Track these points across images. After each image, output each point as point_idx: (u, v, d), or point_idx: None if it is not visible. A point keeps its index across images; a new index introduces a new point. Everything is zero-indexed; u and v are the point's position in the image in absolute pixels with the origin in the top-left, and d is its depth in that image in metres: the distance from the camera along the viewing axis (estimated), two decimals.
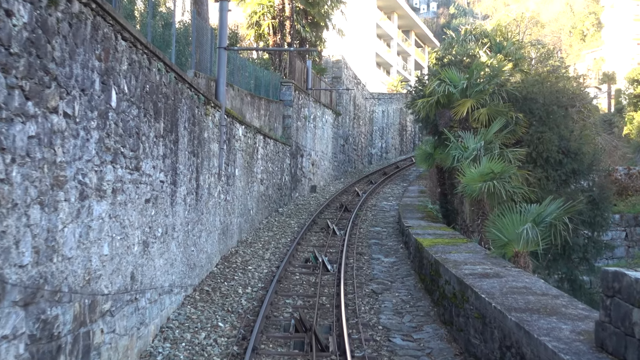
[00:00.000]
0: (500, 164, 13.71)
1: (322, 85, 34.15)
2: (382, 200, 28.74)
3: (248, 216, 18.87)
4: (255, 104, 21.60)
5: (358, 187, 32.83)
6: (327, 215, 23.83)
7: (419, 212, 21.92)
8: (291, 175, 26.66)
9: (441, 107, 17.73)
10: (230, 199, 16.18)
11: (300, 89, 28.19)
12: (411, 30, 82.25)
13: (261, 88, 23.56)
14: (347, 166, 40.33)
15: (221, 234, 15.13)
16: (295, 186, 27.54)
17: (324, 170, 33.93)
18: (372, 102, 48.08)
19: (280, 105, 26.02)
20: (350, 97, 40.72)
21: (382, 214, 24.48)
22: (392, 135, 52.95)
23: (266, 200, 21.95)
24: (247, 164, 18.63)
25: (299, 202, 27.05)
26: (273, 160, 23.02)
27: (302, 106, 28.81)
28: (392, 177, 38.42)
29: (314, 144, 31.54)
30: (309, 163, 30.36)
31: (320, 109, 32.94)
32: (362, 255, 16.55)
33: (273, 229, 20.21)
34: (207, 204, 13.39)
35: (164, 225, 9.85)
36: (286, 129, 26.47)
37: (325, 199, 28.35)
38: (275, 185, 23.61)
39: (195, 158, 12.25)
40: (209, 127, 13.47)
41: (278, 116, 25.59)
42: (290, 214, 23.75)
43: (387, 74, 73.63)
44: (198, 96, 12.33)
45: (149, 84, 8.82)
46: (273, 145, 23.00)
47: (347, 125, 40.02)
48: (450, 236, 15.05)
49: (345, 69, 39.79)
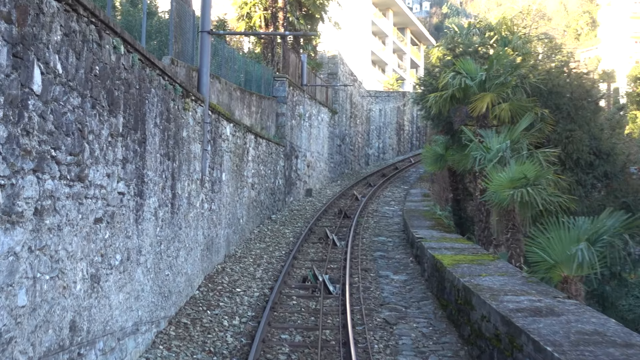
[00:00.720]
0: (533, 167, 11.60)
1: (318, 82, 32.01)
2: (383, 205, 26.61)
3: (237, 226, 16.69)
4: (245, 99, 19.42)
5: (356, 191, 30.67)
6: (325, 223, 21.67)
7: (426, 219, 19.80)
8: (285, 178, 24.50)
9: (456, 102, 15.63)
10: (216, 208, 14.00)
11: (294, 84, 26.03)
12: (406, 28, 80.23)
13: (252, 83, 21.40)
14: (343, 167, 38.20)
15: (205, 250, 12.94)
16: (289, 190, 25.38)
17: (319, 172, 31.80)
18: (369, 100, 45.98)
19: (273, 102, 23.85)
20: (346, 94, 38.60)
21: (385, 221, 22.35)
22: (389, 134, 50.88)
23: (258, 207, 19.78)
24: (236, 167, 16.46)
25: (294, 207, 24.88)
26: (265, 162, 20.85)
27: (297, 103, 26.65)
28: (391, 179, 36.31)
29: (310, 144, 29.40)
30: (304, 165, 28.21)
31: (316, 107, 30.80)
32: (368, 272, 14.40)
33: (266, 240, 18.03)
34: (186, 216, 11.21)
35: (125, 250, 7.67)
36: (280, 127, 24.31)
37: (322, 204, 26.19)
38: (268, 190, 21.44)
39: (171, 162, 10.07)
40: (188, 124, 11.29)
41: (271, 114, 23.43)
42: (285, 221, 21.57)
43: (383, 72, 71.58)
44: (174, 86, 10.14)
45: (99, 65, 6.64)
46: (265, 146, 20.84)
47: (344, 124, 37.90)
48: (472, 251, 12.92)
49: (341, 64, 37.67)
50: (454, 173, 17.51)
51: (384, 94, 51.26)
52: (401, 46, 76.41)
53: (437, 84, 16.70)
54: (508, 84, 14.95)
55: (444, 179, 21.68)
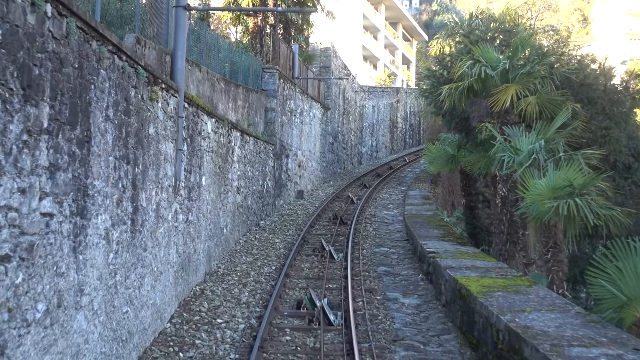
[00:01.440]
0: (579, 173, 9.50)
1: (310, 75, 29.82)
2: (381, 208, 24.49)
3: (220, 237, 14.50)
4: (230, 92, 17.20)
5: (351, 192, 28.54)
6: (319, 230, 19.50)
7: (433, 226, 17.72)
8: (275, 179, 22.30)
9: (473, 95, 13.52)
10: (194, 219, 11.79)
11: (285, 77, 23.82)
12: (399, 23, 78.28)
13: (238, 74, 19.17)
14: (336, 167, 36.07)
15: (180, 271, 10.74)
16: (279, 193, 23.19)
17: (311, 173, 29.63)
18: (362, 96, 43.87)
19: (262, 96, 21.63)
20: (339, 89, 36.44)
21: (385, 228, 20.23)
22: (382, 132, 48.83)
23: (244, 213, 17.58)
24: (219, 169, 14.26)
25: (284, 212, 22.70)
26: (253, 162, 18.65)
27: (288, 98, 24.45)
28: (387, 180, 34.22)
29: (301, 142, 27.22)
30: (295, 165, 26.03)
31: (308, 102, 28.61)
32: (374, 294, 12.26)
33: (253, 252, 15.83)
34: (154, 233, 9.00)
35: (54, 294, 5.46)
36: (269, 124, 22.11)
37: (315, 208, 24.03)
38: (256, 194, 19.24)
39: (132, 166, 7.86)
40: (157, 118, 9.08)
41: (259, 109, 21.21)
42: (275, 228, 19.37)
43: (374, 68, 69.55)
44: (136, 70, 7.93)
45: (1, 27, 4.42)
46: (253, 144, 18.63)
47: (336, 121, 35.74)
48: (500, 272, 10.82)
49: (334, 57, 35.50)
50: (467, 176, 15.43)
51: (378, 89, 49.19)
52: (393, 41, 74.40)
53: (451, 75, 14.57)
54: (536, 73, 12.85)
55: (451, 181, 19.61)
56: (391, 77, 67.31)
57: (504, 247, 13.29)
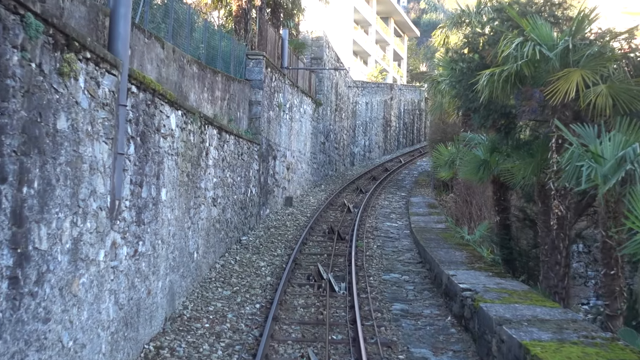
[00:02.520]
0: None
1: (300, 66, 26.50)
2: (383, 219, 21.25)
3: (189, 265, 11.16)
4: (206, 80, 13.86)
5: (346, 199, 25.28)
6: (313, 248, 16.22)
7: (452, 246, 14.54)
8: (260, 185, 18.98)
9: (520, 83, 10.30)
10: (147, 250, 8.46)
11: (273, 66, 20.49)
12: (390, 17, 75.20)
13: (217, 59, 15.83)
14: (327, 169, 32.80)
15: (122, 329, 7.40)
16: (265, 200, 19.87)
17: (301, 176, 26.33)
18: (355, 92, 40.63)
19: (245, 87, 18.29)
20: (332, 84, 33.17)
21: (391, 245, 17.00)
22: (376, 131, 45.66)
23: (222, 230, 14.25)
24: (189, 177, 10.92)
25: (271, 223, 19.37)
26: (234, 166, 15.33)
27: (276, 90, 21.12)
28: (384, 184, 31.01)
29: (290, 141, 23.91)
30: (283, 167, 22.72)
31: (298, 96, 25.30)
32: (393, 351, 9.01)
33: (232, 282, 12.48)
34: (67, 287, 5.67)
35: None
36: (254, 120, 18.77)
37: (307, 218, 20.74)
38: (237, 204, 15.92)
39: (15, 187, 4.53)
40: (75, 105, 5.74)
41: (242, 101, 17.87)
42: (259, 246, 16.04)
43: (365, 64, 66.37)
44: (23, 18, 4.59)
45: None
46: (234, 144, 15.31)
47: (328, 118, 32.47)
48: (579, 329, 7.60)
49: (327, 48, 32.20)
50: (501, 186, 12.21)
51: (373, 85, 46.01)
52: (384, 36, 71.28)
53: (487, 60, 11.33)
54: (608, 55, 9.66)
55: (469, 189, 16.44)
56: (383, 73, 64.21)
57: (561, 284, 10.09)
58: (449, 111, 21.16)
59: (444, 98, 18.35)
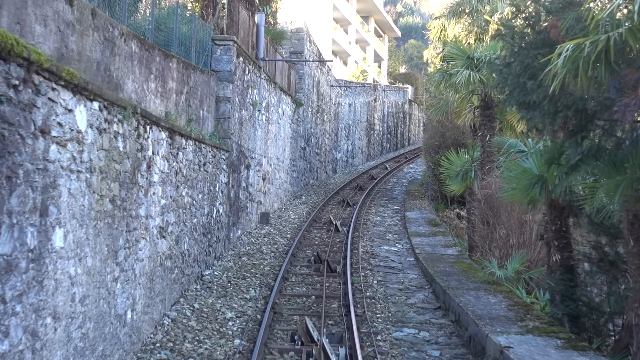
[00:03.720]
0: None
1: (279, 58, 22.85)
2: (378, 240, 17.70)
3: (116, 335, 7.43)
4: (153, 64, 10.17)
5: (332, 214, 21.73)
6: (297, 287, 12.56)
7: (480, 285, 11.08)
8: (229, 202, 15.28)
9: (615, 64, 6.81)
10: (17, 344, 4.74)
11: (246, 56, 16.82)
12: (370, 16, 72.04)
13: (172, 41, 12.13)
14: (308, 177, 29.18)
15: None
16: (236, 219, 16.17)
17: (279, 186, 22.68)
18: (338, 92, 37.12)
19: (211, 79, 14.58)
20: (313, 81, 29.59)
21: (394, 279, 13.45)
22: (359, 135, 42.22)
23: (176, 267, 10.53)
24: (115, 205, 7.22)
25: (243, 249, 15.67)
26: (194, 180, 11.62)
27: (250, 85, 17.46)
28: (372, 195, 27.48)
29: (267, 146, 20.26)
30: (258, 178, 19.05)
31: (276, 94, 21.66)
32: None
33: (183, 350, 8.70)
34: None
35: None
36: (222, 121, 15.06)
37: (287, 240, 17.09)
38: (199, 229, 12.20)
39: None
40: None
41: (207, 97, 14.16)
42: (226, 284, 12.32)
43: (345, 65, 62.98)
44: None
45: None
46: (193, 152, 11.61)
47: (309, 120, 28.88)
48: None
49: (307, 42, 28.62)
50: (561, 211, 8.68)
51: (357, 85, 42.58)
52: (365, 36, 68.02)
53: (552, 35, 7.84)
54: None
55: (491, 203, 13.01)
56: (364, 74, 60.96)
57: None
58: (457, 111, 17.74)
59: (458, 93, 14.91)
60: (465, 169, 15.37)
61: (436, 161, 23.85)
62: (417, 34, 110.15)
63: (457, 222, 20.40)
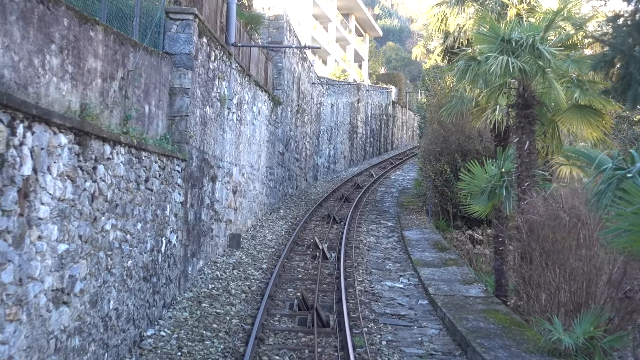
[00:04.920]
0: None
1: (255, 50, 19.17)
2: (377, 273, 14.12)
3: None
4: (56, 28, 6.45)
5: (316, 233, 18.17)
6: (279, 357, 8.90)
7: None
8: (188, 227, 11.57)
9: None
10: None
11: (212, 37, 13.13)
12: (351, 14, 68.69)
13: (100, 9, 8.41)
14: (286, 186, 25.53)
15: None
16: (197, 248, 12.45)
17: (253, 199, 19.01)
18: (319, 91, 33.54)
19: (164, 64, 10.85)
20: (293, 77, 25.97)
21: (409, 337, 9.86)
22: (341, 139, 38.69)
23: (91, 343, 6.81)
24: None
25: (205, 288, 11.94)
26: (126, 206, 7.92)
27: (218, 76, 13.77)
28: (360, 208, 23.93)
29: (238, 152, 16.57)
30: (227, 191, 15.36)
31: (251, 90, 18.00)
32: None
33: None
34: None
35: None
36: (178, 119, 11.33)
37: (262, 273, 13.43)
38: (137, 274, 8.49)
39: None
40: None
41: (156, 87, 10.41)
42: (173, 356, 8.59)
43: (324, 64, 59.49)
44: None
45: None
46: (127, 165, 7.91)
47: (289, 121, 25.25)
48: None
49: (287, 31, 24.99)
50: None
51: (341, 84, 39.09)
52: (345, 34, 64.62)
53: None
54: None
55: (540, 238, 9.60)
56: (345, 73, 57.57)
57: None
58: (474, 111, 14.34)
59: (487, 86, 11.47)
60: (494, 185, 11.91)
61: (437, 170, 20.43)
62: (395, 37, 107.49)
63: (470, 246, 16.94)
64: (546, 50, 10.40)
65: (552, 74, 10.60)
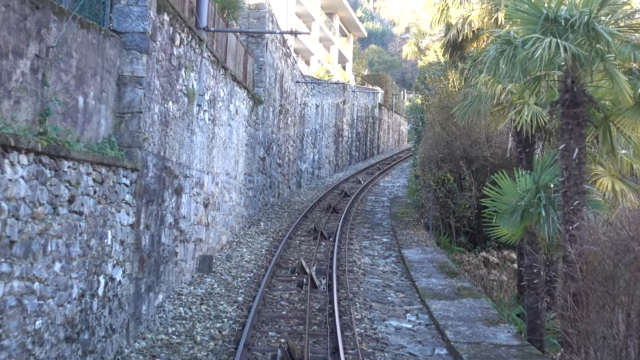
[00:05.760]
0: None
1: (232, 39, 16.61)
2: (379, 308, 11.60)
3: None
4: None
5: (302, 252, 15.63)
6: None
7: None
8: (141, 256, 8.95)
9: None
10: None
11: (177, 16, 10.55)
12: (335, 13, 66.47)
13: None
14: (268, 195, 22.95)
15: None
16: (154, 281, 9.83)
17: (229, 212, 16.40)
18: (304, 91, 31.04)
19: (108, 44, 8.24)
20: (276, 74, 23.43)
21: None
22: (326, 142, 36.22)
23: None
24: None
25: (162, 334, 9.28)
26: (36, 240, 5.32)
27: (185, 65, 11.18)
28: (350, 220, 21.42)
29: (211, 158, 13.97)
30: (197, 205, 12.74)
31: (227, 85, 15.41)
32: None
33: None
34: None
35: None
36: (128, 117, 8.72)
37: (237, 308, 10.84)
38: (59, 332, 5.89)
39: None
40: None
41: (97, 74, 7.79)
42: None
43: (307, 65, 57.04)
44: None
45: None
46: (33, 181, 5.31)
47: (270, 122, 22.69)
48: None
49: (270, 23, 22.45)
50: None
51: (327, 83, 36.62)
52: (329, 34, 62.29)
53: None
54: None
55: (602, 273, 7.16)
56: (329, 74, 55.18)
57: None
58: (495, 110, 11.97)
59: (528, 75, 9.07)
60: (527, 202, 9.50)
61: (439, 179, 18.02)
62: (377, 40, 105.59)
63: (483, 271, 14.51)
64: (606, 31, 8.01)
65: (614, 62, 8.21)
